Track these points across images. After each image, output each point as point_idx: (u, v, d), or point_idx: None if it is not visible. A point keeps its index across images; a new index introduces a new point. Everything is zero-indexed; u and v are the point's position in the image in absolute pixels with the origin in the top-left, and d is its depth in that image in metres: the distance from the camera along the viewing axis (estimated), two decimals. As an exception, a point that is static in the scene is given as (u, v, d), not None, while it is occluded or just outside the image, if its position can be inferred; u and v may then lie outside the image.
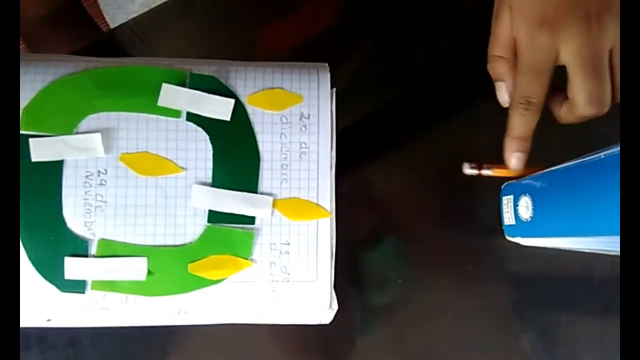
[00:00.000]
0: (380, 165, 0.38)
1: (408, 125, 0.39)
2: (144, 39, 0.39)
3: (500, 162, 0.33)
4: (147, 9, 0.39)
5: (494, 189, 0.37)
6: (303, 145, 0.30)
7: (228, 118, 0.30)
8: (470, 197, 0.38)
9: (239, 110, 0.30)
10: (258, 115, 0.30)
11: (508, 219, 0.36)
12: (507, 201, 0.36)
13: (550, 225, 0.30)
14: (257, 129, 0.30)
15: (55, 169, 0.28)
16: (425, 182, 0.39)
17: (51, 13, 0.52)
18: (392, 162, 0.39)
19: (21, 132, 0.28)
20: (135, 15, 0.39)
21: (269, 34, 0.40)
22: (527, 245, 0.36)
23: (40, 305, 0.28)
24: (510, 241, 0.37)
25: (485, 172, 0.34)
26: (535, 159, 0.33)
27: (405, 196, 0.38)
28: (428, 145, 0.39)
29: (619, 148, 0.25)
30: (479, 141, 0.38)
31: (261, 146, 0.30)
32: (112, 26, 0.53)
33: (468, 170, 0.34)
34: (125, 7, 0.48)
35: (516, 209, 0.34)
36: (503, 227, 0.37)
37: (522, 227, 0.34)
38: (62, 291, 0.28)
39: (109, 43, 0.39)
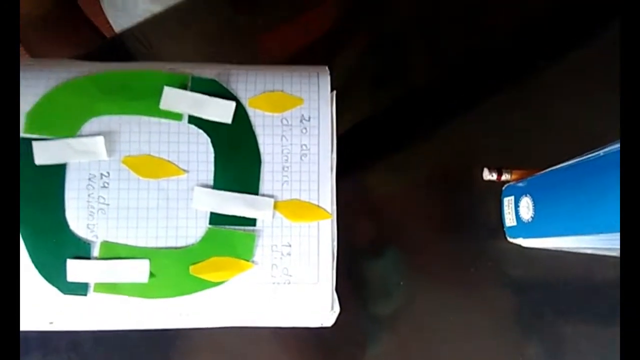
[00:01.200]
0: (379, 168, 0.38)
1: (408, 127, 0.39)
2: (146, 46, 0.39)
3: (517, 165, 0.32)
4: (149, 15, 0.39)
5: (495, 192, 0.37)
6: (304, 147, 0.31)
7: (229, 121, 0.30)
8: (471, 200, 0.38)
9: (240, 112, 0.30)
10: (259, 118, 0.30)
11: (509, 220, 0.36)
12: (508, 202, 0.36)
13: (552, 225, 0.30)
14: (258, 131, 0.30)
15: (58, 172, 0.29)
16: (425, 184, 0.39)
17: (47, 15, 0.52)
18: (391, 166, 0.39)
19: (25, 135, 0.28)
20: (139, 19, 0.39)
21: (270, 40, 0.41)
22: (528, 246, 0.36)
23: (42, 307, 0.28)
24: (512, 243, 0.37)
25: (505, 176, 0.34)
26: (534, 160, 0.33)
27: (405, 200, 0.38)
28: (428, 147, 0.39)
29: (618, 145, 0.25)
30: (481, 143, 0.38)
31: (262, 148, 0.30)
32: (115, 28, 0.53)
33: (488, 176, 0.34)
34: (128, 12, 0.49)
35: (517, 210, 0.34)
36: (504, 229, 0.37)
37: (523, 228, 0.34)
38: (65, 293, 0.28)
39: (112, 49, 0.39)
